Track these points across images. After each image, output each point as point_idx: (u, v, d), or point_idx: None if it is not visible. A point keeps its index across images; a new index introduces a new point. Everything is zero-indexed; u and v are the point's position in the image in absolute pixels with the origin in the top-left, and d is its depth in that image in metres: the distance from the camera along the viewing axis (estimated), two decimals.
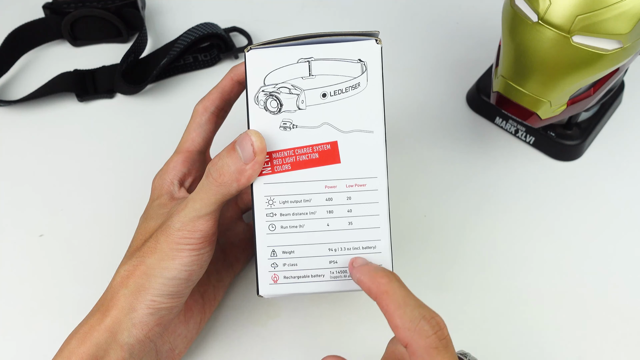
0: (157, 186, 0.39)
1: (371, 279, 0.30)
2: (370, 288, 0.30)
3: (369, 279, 0.31)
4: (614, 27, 0.36)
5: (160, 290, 0.33)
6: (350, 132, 0.33)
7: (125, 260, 0.35)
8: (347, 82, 0.33)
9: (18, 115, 0.52)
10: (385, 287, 0.30)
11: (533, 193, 0.47)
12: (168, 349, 0.37)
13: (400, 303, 0.29)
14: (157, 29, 0.58)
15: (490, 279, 0.44)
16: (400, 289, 0.30)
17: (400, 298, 0.29)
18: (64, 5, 0.55)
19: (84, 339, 0.33)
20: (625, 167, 0.49)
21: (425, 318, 0.29)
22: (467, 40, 0.56)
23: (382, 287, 0.30)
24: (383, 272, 0.31)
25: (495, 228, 0.46)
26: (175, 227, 0.33)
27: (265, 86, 0.33)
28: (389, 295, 0.30)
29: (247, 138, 0.32)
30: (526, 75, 0.39)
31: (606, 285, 0.43)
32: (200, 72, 0.55)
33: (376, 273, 0.31)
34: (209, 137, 0.39)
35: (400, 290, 0.30)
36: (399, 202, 0.46)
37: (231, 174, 0.32)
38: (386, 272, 0.31)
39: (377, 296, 0.30)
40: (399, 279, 0.31)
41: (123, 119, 0.52)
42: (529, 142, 0.50)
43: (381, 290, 0.30)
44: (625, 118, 0.51)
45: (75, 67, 0.53)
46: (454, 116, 0.52)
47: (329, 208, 0.33)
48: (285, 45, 0.33)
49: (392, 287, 0.30)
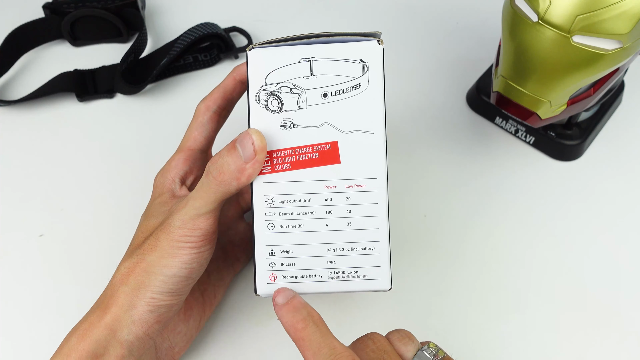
0: (159, 184, 0.39)
1: (289, 322, 0.31)
2: (289, 331, 0.31)
3: (287, 323, 0.31)
4: (613, 27, 0.36)
5: (160, 288, 0.33)
6: (351, 132, 0.33)
7: (125, 258, 0.35)
8: (348, 83, 0.33)
9: (18, 115, 0.52)
10: (301, 334, 0.31)
11: (533, 193, 0.47)
12: (167, 346, 0.37)
13: (315, 351, 0.30)
14: (157, 29, 0.58)
15: (490, 279, 0.44)
16: (316, 335, 0.31)
17: (315, 345, 0.30)
18: (64, 5, 0.55)
19: (83, 336, 0.33)
20: (625, 167, 0.49)
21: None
22: (467, 40, 0.57)
23: (298, 333, 0.31)
24: (300, 315, 0.31)
25: (495, 228, 0.46)
26: (176, 225, 0.33)
27: (266, 85, 0.33)
28: (304, 342, 0.30)
29: (248, 137, 0.32)
30: (526, 75, 0.39)
31: (606, 285, 0.43)
32: (200, 72, 0.55)
33: (294, 317, 0.31)
34: (210, 136, 0.39)
35: (316, 337, 0.30)
36: (399, 202, 0.46)
37: (231, 172, 0.32)
38: (304, 314, 0.31)
39: (295, 341, 0.31)
40: (316, 321, 0.31)
41: (123, 119, 0.52)
42: (529, 142, 0.50)
43: (298, 336, 0.31)
44: (625, 118, 0.51)
45: (75, 67, 0.53)
46: (454, 116, 0.52)
47: (328, 208, 0.33)
48: (287, 44, 0.33)
49: (308, 333, 0.31)
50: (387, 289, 0.34)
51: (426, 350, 0.32)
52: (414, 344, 0.32)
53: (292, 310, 0.32)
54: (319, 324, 0.31)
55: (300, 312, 0.31)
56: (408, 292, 0.43)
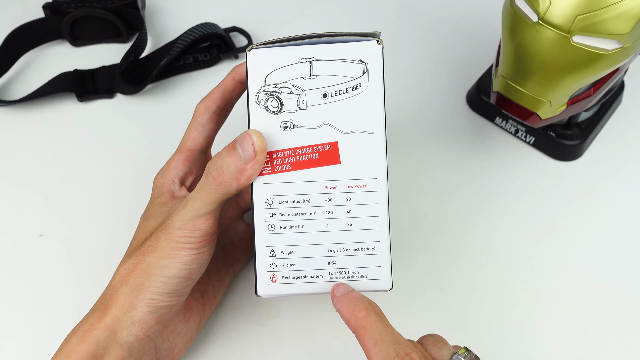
0: (158, 185, 0.39)
1: (349, 312, 0.31)
2: (349, 320, 0.31)
3: (347, 312, 0.31)
4: (614, 27, 0.36)
5: (160, 289, 0.33)
6: (351, 132, 0.33)
7: (125, 259, 0.35)
8: (348, 83, 0.33)
9: (18, 115, 0.52)
10: (363, 322, 0.30)
11: (533, 193, 0.47)
12: (167, 347, 0.37)
13: (377, 339, 0.29)
14: (157, 29, 0.58)
15: (490, 279, 0.44)
16: (377, 324, 0.30)
17: (377, 334, 0.30)
18: (64, 5, 0.55)
19: (83, 337, 0.33)
20: (625, 167, 0.49)
21: (399, 356, 0.29)
22: (467, 40, 0.57)
23: (359, 321, 0.30)
24: (362, 304, 0.31)
25: (495, 228, 0.46)
26: (176, 226, 0.33)
27: (266, 86, 0.33)
28: (365, 331, 0.30)
29: (248, 137, 0.32)
30: (526, 75, 0.39)
31: (606, 285, 0.43)
32: (200, 72, 0.55)
33: (355, 306, 0.31)
34: (210, 136, 0.39)
35: (377, 325, 0.30)
36: (399, 202, 0.46)
37: (231, 173, 0.32)
38: (365, 304, 0.31)
39: (355, 330, 0.30)
40: (378, 311, 0.31)
41: (123, 119, 0.52)
42: (529, 142, 0.50)
43: (358, 324, 0.30)
44: (625, 118, 0.51)
45: (75, 67, 0.53)
46: (454, 116, 0.52)
47: (329, 209, 0.33)
48: (287, 45, 0.33)
49: (369, 321, 0.30)
50: (388, 289, 0.34)
51: (462, 355, 0.31)
52: (448, 348, 0.32)
53: (352, 300, 0.31)
54: (379, 313, 0.31)
55: (361, 301, 0.31)
56: (408, 292, 0.43)
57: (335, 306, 0.32)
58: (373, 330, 0.30)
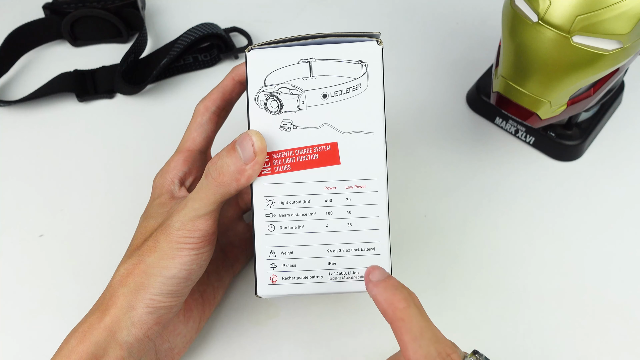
0: (158, 185, 0.39)
1: (387, 301, 0.28)
2: (386, 311, 0.28)
3: (385, 301, 0.28)
4: (614, 27, 0.36)
5: (160, 289, 0.33)
6: (351, 133, 0.33)
7: (125, 259, 0.35)
8: (347, 83, 0.33)
9: (18, 115, 0.52)
10: (402, 314, 0.28)
11: (533, 193, 0.47)
12: (167, 348, 0.37)
13: (417, 335, 0.27)
14: (157, 29, 0.58)
15: (490, 279, 0.44)
16: (418, 318, 0.28)
17: (417, 329, 0.27)
18: (64, 5, 0.55)
19: (83, 337, 0.33)
20: (625, 167, 0.49)
21: (440, 356, 0.27)
22: (467, 40, 0.56)
23: (398, 313, 0.28)
24: (401, 294, 0.28)
25: (496, 228, 0.46)
26: (175, 226, 0.33)
27: (265, 86, 0.33)
28: (404, 324, 0.27)
29: (248, 138, 0.32)
30: (526, 76, 0.39)
31: (606, 285, 0.43)
32: (200, 72, 0.55)
33: (394, 295, 0.28)
34: (209, 136, 0.39)
35: (418, 319, 0.27)
36: (399, 202, 0.46)
37: (231, 173, 0.32)
38: (404, 293, 0.28)
39: (392, 322, 0.28)
40: (417, 303, 0.28)
41: (123, 119, 0.52)
42: (529, 142, 0.50)
43: (397, 316, 0.28)
44: (625, 118, 0.51)
45: (75, 67, 0.53)
46: (454, 116, 0.52)
47: (329, 209, 0.33)
48: (286, 45, 0.33)
49: (409, 314, 0.28)
50: None
51: (471, 357, 0.30)
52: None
53: (391, 288, 0.29)
54: (419, 306, 0.28)
55: (400, 290, 0.28)
56: None
57: (370, 292, 0.29)
58: (413, 325, 0.27)
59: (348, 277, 0.34)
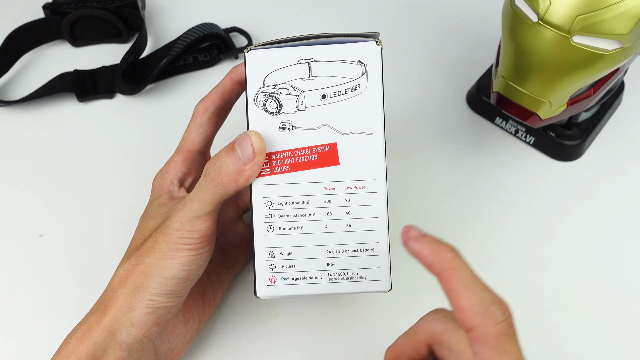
0: (157, 186, 0.39)
1: (434, 252, 0.28)
2: (433, 263, 0.28)
3: (432, 253, 0.28)
4: (613, 27, 0.36)
5: (159, 290, 0.33)
6: (350, 133, 0.33)
7: (124, 260, 0.35)
8: (346, 84, 0.33)
9: (18, 115, 0.52)
10: (451, 264, 0.27)
11: (533, 193, 0.47)
12: (167, 348, 0.37)
13: (468, 283, 0.27)
14: (157, 29, 0.58)
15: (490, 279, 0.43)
16: (467, 267, 0.27)
17: (468, 277, 0.27)
18: (64, 5, 0.55)
19: (82, 338, 0.33)
20: (625, 167, 0.49)
21: (495, 302, 0.27)
22: (467, 40, 0.56)
23: (447, 262, 0.27)
24: (446, 244, 0.28)
25: (495, 228, 0.46)
26: (174, 227, 0.33)
27: (264, 87, 0.33)
28: (455, 273, 0.27)
29: (247, 138, 0.32)
30: (526, 76, 0.39)
31: (606, 285, 0.43)
32: (200, 72, 0.55)
33: (439, 247, 0.28)
34: (209, 137, 0.39)
35: (467, 269, 0.27)
36: (399, 203, 0.46)
37: (229, 174, 0.32)
38: (449, 244, 0.28)
39: (441, 272, 0.27)
40: (463, 256, 0.28)
41: (123, 119, 0.52)
42: (529, 142, 0.50)
43: (446, 266, 0.27)
44: (625, 118, 0.51)
45: (75, 67, 0.53)
46: (454, 116, 0.52)
47: (328, 210, 0.33)
48: (285, 46, 0.33)
49: (459, 263, 0.27)
50: (387, 290, 0.34)
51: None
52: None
53: (434, 241, 0.28)
54: (465, 259, 0.28)
55: (443, 242, 0.28)
56: (408, 292, 0.43)
57: (412, 248, 0.28)
58: (463, 273, 0.27)
59: (347, 278, 0.34)
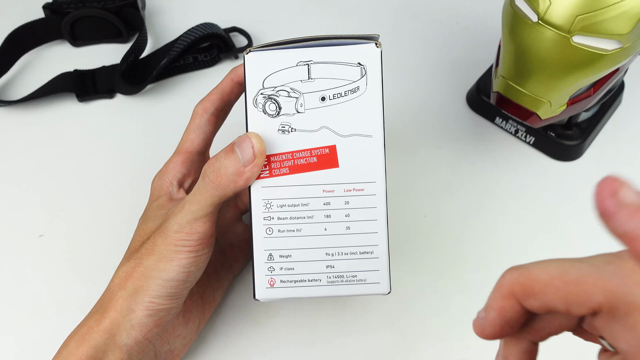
0: (157, 187, 0.39)
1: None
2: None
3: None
4: (613, 27, 0.35)
5: (158, 292, 0.33)
6: (349, 136, 0.33)
7: (123, 262, 0.35)
8: (346, 86, 0.33)
9: (18, 115, 0.52)
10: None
11: (533, 193, 0.47)
12: (167, 350, 0.37)
13: None
14: (157, 29, 0.58)
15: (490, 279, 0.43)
16: None
17: None
18: (64, 5, 0.55)
19: (82, 340, 0.33)
20: (625, 167, 0.49)
21: None
22: (467, 40, 0.56)
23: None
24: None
25: (495, 228, 0.46)
26: (173, 229, 0.33)
27: (264, 89, 0.33)
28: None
29: (247, 140, 0.32)
30: (526, 76, 0.39)
31: None
32: (200, 72, 0.55)
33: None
34: (208, 138, 0.39)
35: None
36: (399, 203, 0.46)
37: (228, 175, 0.32)
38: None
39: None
40: None
41: (123, 119, 0.52)
42: (529, 142, 0.50)
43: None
44: (625, 118, 0.51)
45: (75, 67, 0.53)
46: (454, 116, 0.52)
47: (327, 212, 0.33)
48: (285, 48, 0.33)
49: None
50: (386, 292, 0.34)
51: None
52: None
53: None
54: None
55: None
56: (408, 292, 0.43)
57: (621, 228, 0.23)
58: None
59: (346, 281, 0.34)
